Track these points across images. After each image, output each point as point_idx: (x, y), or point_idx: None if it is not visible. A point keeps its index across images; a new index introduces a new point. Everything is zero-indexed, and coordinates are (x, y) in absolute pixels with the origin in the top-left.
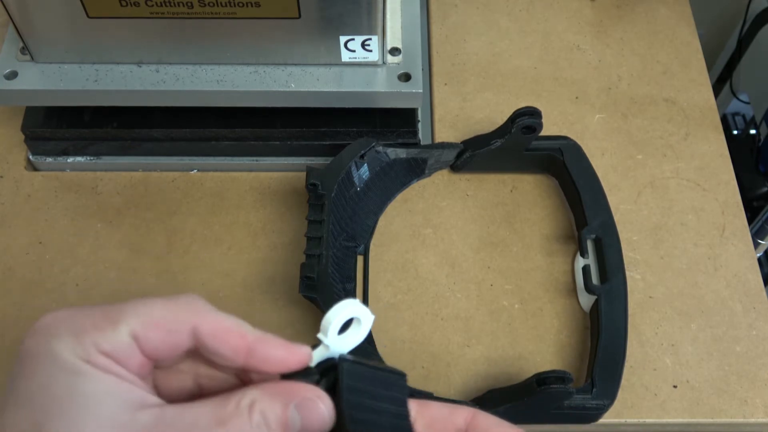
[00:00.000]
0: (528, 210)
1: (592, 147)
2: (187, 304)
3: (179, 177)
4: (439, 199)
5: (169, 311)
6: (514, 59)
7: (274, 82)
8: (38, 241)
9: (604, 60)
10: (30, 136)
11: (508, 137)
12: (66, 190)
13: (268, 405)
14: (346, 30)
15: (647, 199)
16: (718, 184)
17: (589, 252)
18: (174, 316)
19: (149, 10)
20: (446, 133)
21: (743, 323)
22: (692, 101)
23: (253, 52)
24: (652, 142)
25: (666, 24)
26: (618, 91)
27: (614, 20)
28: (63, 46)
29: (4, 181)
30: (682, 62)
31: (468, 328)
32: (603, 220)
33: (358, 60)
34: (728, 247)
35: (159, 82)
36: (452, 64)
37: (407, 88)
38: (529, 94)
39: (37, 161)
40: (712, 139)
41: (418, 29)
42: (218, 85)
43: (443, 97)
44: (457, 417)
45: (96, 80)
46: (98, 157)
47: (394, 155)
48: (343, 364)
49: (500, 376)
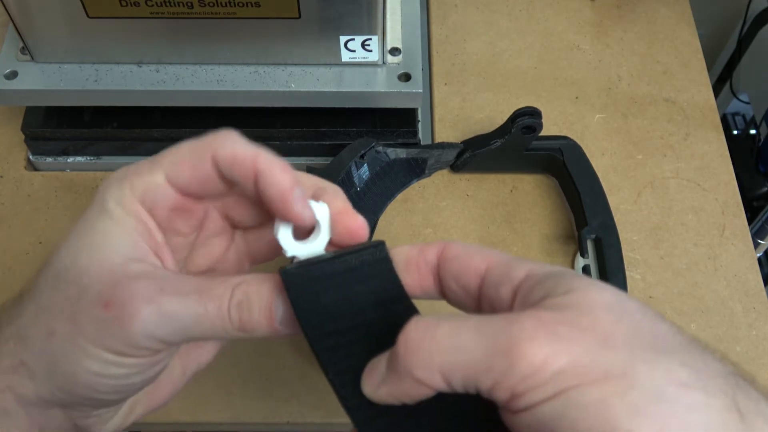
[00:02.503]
0: (528, 210)
1: (592, 147)
2: (212, 137)
3: None
4: (439, 199)
5: (195, 145)
6: (514, 59)
7: (274, 82)
8: (38, 241)
9: (604, 60)
10: (30, 136)
11: (508, 137)
12: (66, 190)
13: (255, 287)
14: (346, 30)
15: (647, 199)
16: (718, 184)
17: (589, 252)
18: (198, 150)
19: (149, 10)
20: (446, 133)
21: (743, 323)
22: (692, 101)
23: (253, 52)
24: (652, 142)
25: (666, 24)
26: (618, 91)
27: (614, 20)
28: (63, 46)
29: (4, 181)
30: (682, 62)
31: None
32: (603, 220)
33: (358, 60)
34: (728, 247)
35: (159, 82)
36: (452, 64)
37: (407, 88)
38: (529, 94)
39: (37, 161)
40: (712, 139)
41: (418, 29)
42: (218, 85)
43: (443, 97)
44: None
45: (96, 80)
46: (98, 157)
47: (394, 155)
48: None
49: None
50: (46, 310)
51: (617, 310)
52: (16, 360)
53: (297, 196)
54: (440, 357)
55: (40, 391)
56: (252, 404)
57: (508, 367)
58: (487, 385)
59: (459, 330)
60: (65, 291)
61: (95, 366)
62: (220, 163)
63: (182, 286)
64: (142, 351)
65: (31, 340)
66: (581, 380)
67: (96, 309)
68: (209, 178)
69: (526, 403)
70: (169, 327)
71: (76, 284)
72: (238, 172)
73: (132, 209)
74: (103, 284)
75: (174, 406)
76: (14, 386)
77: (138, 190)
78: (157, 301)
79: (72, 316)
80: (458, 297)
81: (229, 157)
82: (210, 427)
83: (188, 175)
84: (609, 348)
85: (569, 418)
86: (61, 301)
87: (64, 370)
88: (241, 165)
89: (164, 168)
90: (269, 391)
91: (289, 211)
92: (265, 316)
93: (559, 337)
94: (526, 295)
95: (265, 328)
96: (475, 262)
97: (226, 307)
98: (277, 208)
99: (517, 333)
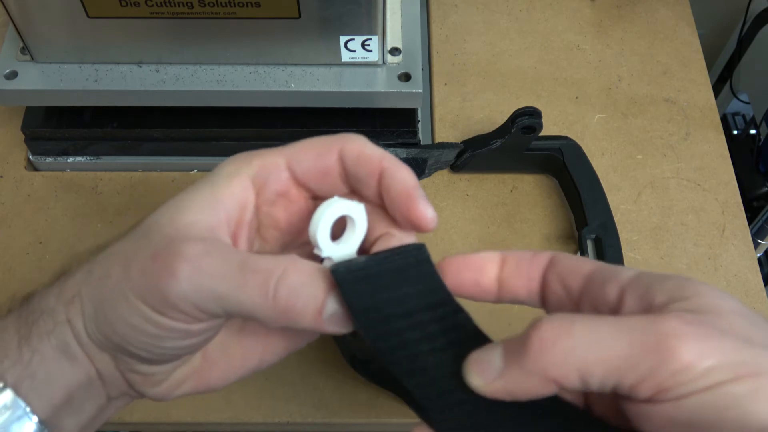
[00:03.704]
0: (528, 210)
1: (592, 147)
2: (340, 135)
3: (179, 177)
4: (439, 199)
5: (323, 138)
6: (514, 59)
7: (274, 82)
8: (38, 241)
9: (604, 60)
10: (30, 136)
11: (508, 137)
12: (66, 190)
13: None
14: (346, 30)
15: (647, 199)
16: (718, 184)
17: (589, 252)
18: (325, 142)
19: (149, 10)
20: (446, 133)
21: None
22: (692, 101)
23: (253, 52)
24: (652, 142)
25: (666, 24)
26: (618, 91)
27: (614, 20)
28: (63, 46)
29: (4, 181)
30: (682, 62)
31: None
32: (603, 220)
33: (358, 60)
34: (728, 247)
35: (159, 82)
36: (452, 64)
37: (407, 88)
38: (529, 94)
39: (37, 161)
40: (712, 139)
41: (418, 29)
42: (218, 85)
43: (443, 97)
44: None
45: (96, 80)
46: (98, 157)
47: (394, 155)
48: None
49: None
50: (113, 253)
51: (746, 315)
52: (75, 290)
53: (421, 195)
54: (579, 354)
55: (88, 328)
56: (252, 404)
57: (659, 364)
58: (630, 382)
59: (598, 327)
60: (133, 240)
61: (132, 317)
62: (346, 156)
63: (229, 255)
64: (176, 313)
65: (92, 276)
66: (732, 376)
67: (146, 259)
68: (330, 170)
69: (670, 397)
70: (204, 291)
71: (144, 236)
72: (363, 168)
73: (238, 182)
74: (162, 238)
75: (174, 406)
76: (72, 319)
77: (254, 166)
78: (198, 264)
79: (126, 263)
80: (558, 299)
81: (357, 152)
82: (210, 427)
83: (310, 163)
84: (751, 348)
85: (718, 408)
86: (126, 248)
87: (106, 314)
88: (367, 161)
89: (287, 153)
90: (269, 391)
91: (413, 207)
92: (313, 307)
93: (707, 337)
94: (643, 295)
95: (309, 319)
96: (582, 264)
97: (270, 285)
98: (400, 204)
99: (665, 331)
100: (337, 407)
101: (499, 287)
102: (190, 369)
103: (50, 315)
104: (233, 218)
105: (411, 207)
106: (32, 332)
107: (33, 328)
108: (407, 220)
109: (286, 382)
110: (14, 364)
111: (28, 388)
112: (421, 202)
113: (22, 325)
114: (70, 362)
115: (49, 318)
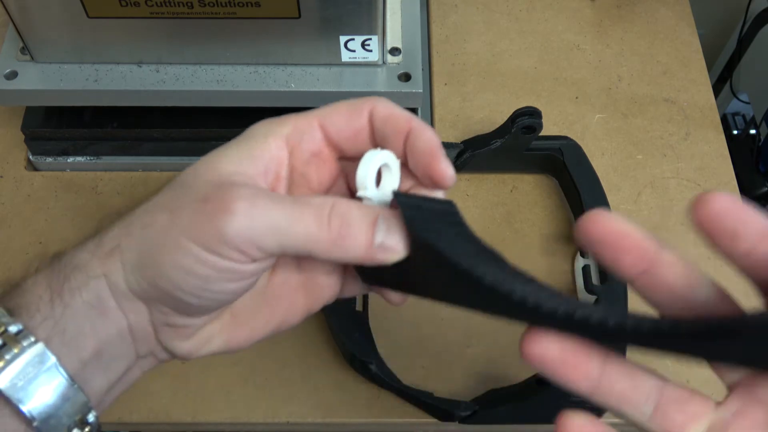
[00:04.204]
0: (528, 210)
1: (592, 147)
2: (367, 97)
3: None
4: None
5: (352, 101)
6: (514, 59)
7: (274, 82)
8: (38, 241)
9: (604, 60)
10: (30, 136)
11: (508, 137)
12: (66, 190)
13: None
14: (346, 30)
15: (647, 199)
16: (718, 184)
17: (589, 252)
18: (356, 104)
19: (149, 10)
20: (446, 133)
21: None
22: (692, 101)
23: (253, 52)
24: (652, 142)
25: (666, 24)
26: (618, 91)
27: (614, 20)
28: (63, 46)
29: (4, 181)
30: (682, 62)
31: (468, 328)
32: None
33: (358, 60)
34: None
35: (159, 82)
36: (452, 64)
37: (407, 88)
38: (529, 94)
39: (37, 161)
40: (712, 139)
41: (418, 29)
42: (218, 85)
43: (443, 97)
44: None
45: (96, 80)
46: (98, 157)
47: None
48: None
49: (500, 376)
50: (153, 205)
51: None
52: (114, 244)
53: (443, 154)
54: None
55: (129, 279)
56: (252, 404)
57: None
58: None
59: None
60: (172, 191)
61: (183, 259)
62: (376, 117)
63: (280, 196)
64: (231, 251)
65: (132, 227)
66: None
67: (195, 203)
68: (361, 130)
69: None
70: (261, 226)
71: (185, 186)
72: (391, 127)
73: (273, 140)
74: (207, 184)
75: (174, 406)
76: (109, 272)
77: (287, 126)
78: (253, 200)
79: (172, 210)
80: None
81: (387, 112)
82: (210, 427)
83: (342, 123)
84: None
85: None
86: (167, 199)
87: (153, 260)
88: (396, 121)
89: (319, 114)
90: (269, 391)
91: (436, 164)
92: (365, 235)
93: None
94: None
95: (362, 247)
96: None
97: (325, 214)
98: (424, 161)
99: None
100: (337, 407)
101: None
102: (219, 325)
103: (82, 270)
104: (270, 173)
105: (434, 164)
106: (63, 288)
107: (65, 283)
108: (429, 176)
109: (286, 382)
110: (45, 319)
111: (58, 343)
112: (443, 161)
113: (54, 280)
114: (101, 317)
115: (82, 273)
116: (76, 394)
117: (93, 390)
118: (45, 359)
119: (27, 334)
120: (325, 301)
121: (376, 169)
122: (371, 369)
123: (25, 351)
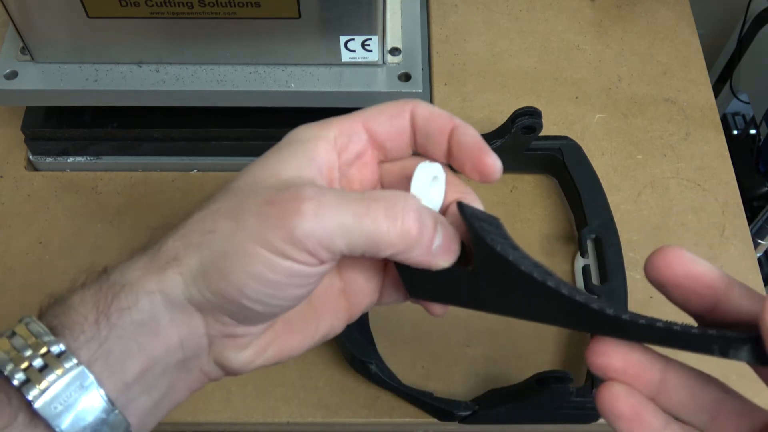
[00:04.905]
0: (528, 210)
1: (592, 147)
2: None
3: (179, 177)
4: None
5: (393, 102)
6: (514, 59)
7: (274, 82)
8: (38, 241)
9: (604, 60)
10: (30, 136)
11: (508, 137)
12: (66, 190)
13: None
14: (346, 30)
15: (647, 199)
16: (718, 184)
17: (589, 252)
18: (397, 105)
19: (149, 10)
20: None
21: None
22: (692, 101)
23: (253, 52)
24: (652, 142)
25: (666, 24)
26: (618, 91)
27: (614, 20)
28: (63, 46)
29: (4, 181)
30: (682, 62)
31: (468, 327)
32: (603, 220)
33: (358, 60)
34: (728, 247)
35: (159, 82)
36: (452, 64)
37: (407, 88)
38: (529, 94)
39: (37, 161)
40: (712, 139)
41: (418, 29)
42: (218, 85)
43: (443, 97)
44: None
45: (96, 80)
46: (98, 157)
47: None
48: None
49: (500, 376)
50: (212, 212)
51: None
52: (171, 255)
53: (489, 148)
54: None
55: (189, 290)
56: (252, 404)
57: None
58: None
59: None
60: (233, 198)
61: (252, 265)
62: (418, 116)
63: (345, 192)
64: (300, 253)
65: (191, 236)
66: None
67: (260, 207)
68: (403, 130)
69: None
70: (330, 225)
71: (244, 192)
72: (435, 125)
73: (323, 144)
74: (270, 188)
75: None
76: (165, 287)
77: (333, 129)
78: (320, 200)
79: (235, 215)
80: None
81: (429, 112)
82: (210, 427)
83: (386, 124)
84: None
85: None
86: (228, 206)
87: (219, 268)
88: (438, 120)
89: (362, 117)
90: (269, 391)
91: (484, 157)
92: (428, 235)
93: None
94: None
95: (424, 247)
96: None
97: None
98: (471, 155)
99: None
100: (337, 407)
101: None
102: (273, 334)
103: (133, 288)
104: (325, 176)
105: (483, 157)
106: (111, 308)
107: (113, 303)
108: (477, 169)
109: (286, 382)
110: (89, 340)
111: (101, 365)
112: (491, 154)
113: (101, 300)
114: (151, 335)
115: (132, 292)
116: (116, 418)
117: (135, 411)
118: (85, 382)
119: (69, 355)
120: (363, 308)
121: (429, 179)
122: (371, 369)
123: (67, 373)
